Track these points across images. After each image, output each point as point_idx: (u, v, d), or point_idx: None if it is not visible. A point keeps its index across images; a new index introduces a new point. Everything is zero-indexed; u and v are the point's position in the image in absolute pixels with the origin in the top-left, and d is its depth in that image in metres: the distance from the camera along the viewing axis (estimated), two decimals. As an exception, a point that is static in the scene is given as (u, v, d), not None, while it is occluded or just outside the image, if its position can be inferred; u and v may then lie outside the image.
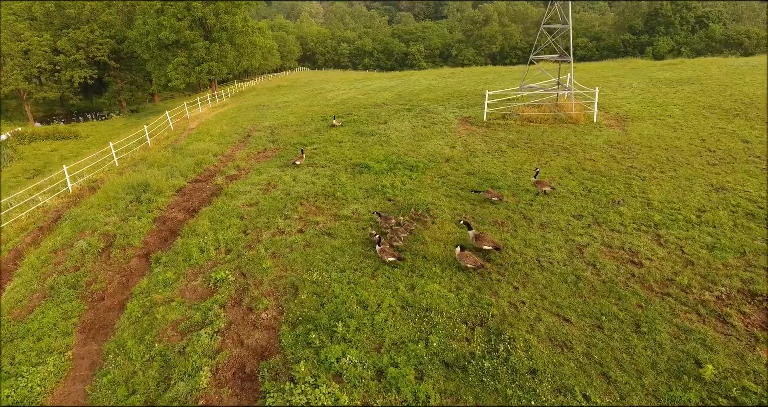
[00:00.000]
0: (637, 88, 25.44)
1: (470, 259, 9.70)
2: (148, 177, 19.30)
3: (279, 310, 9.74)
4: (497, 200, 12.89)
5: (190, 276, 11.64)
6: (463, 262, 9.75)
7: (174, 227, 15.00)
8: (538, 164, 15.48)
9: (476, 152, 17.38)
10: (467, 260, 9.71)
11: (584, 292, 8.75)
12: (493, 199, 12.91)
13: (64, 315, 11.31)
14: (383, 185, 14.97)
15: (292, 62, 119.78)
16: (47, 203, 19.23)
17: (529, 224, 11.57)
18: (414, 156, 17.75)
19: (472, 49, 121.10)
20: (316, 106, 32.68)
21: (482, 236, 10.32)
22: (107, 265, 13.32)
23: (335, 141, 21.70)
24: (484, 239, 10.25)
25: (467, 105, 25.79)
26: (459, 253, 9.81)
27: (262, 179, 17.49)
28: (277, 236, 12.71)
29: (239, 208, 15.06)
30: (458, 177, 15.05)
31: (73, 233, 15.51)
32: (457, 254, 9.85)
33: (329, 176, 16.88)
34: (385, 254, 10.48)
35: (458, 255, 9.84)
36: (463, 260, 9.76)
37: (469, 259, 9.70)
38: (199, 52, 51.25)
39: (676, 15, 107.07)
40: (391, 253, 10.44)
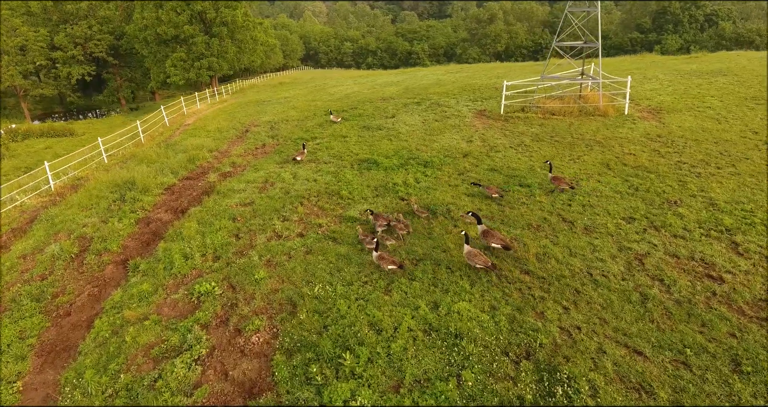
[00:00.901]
0: (665, 80, 23.61)
1: (480, 258, 8.39)
2: (136, 174, 17.60)
3: (273, 332, 8.00)
4: (498, 196, 11.50)
5: (170, 288, 9.90)
6: (472, 261, 8.46)
7: (158, 230, 13.29)
8: (571, 158, 13.70)
9: (497, 147, 15.60)
10: (476, 259, 8.39)
11: (655, 315, 6.96)
12: (493, 195, 11.52)
13: (21, 334, 9.60)
14: (395, 182, 13.21)
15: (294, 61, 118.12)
16: (26, 202, 17.56)
17: (570, 228, 9.78)
18: (427, 151, 15.98)
19: (477, 48, 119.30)
20: (319, 100, 30.96)
21: (492, 232, 9.00)
22: (79, 273, 11.61)
23: (339, 136, 19.97)
24: (493, 236, 8.91)
25: (481, 98, 24.00)
26: (467, 251, 8.50)
27: (259, 177, 15.76)
28: (273, 241, 10.96)
29: (232, 208, 13.33)
30: (479, 174, 13.27)
31: (47, 235, 13.83)
32: (466, 252, 8.53)
33: (333, 172, 15.14)
34: (384, 262, 8.84)
35: (466, 253, 8.52)
36: (471, 260, 8.46)
37: (479, 258, 8.39)
38: (199, 48, 49.63)
39: (685, 13, 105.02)
40: (391, 260, 8.82)
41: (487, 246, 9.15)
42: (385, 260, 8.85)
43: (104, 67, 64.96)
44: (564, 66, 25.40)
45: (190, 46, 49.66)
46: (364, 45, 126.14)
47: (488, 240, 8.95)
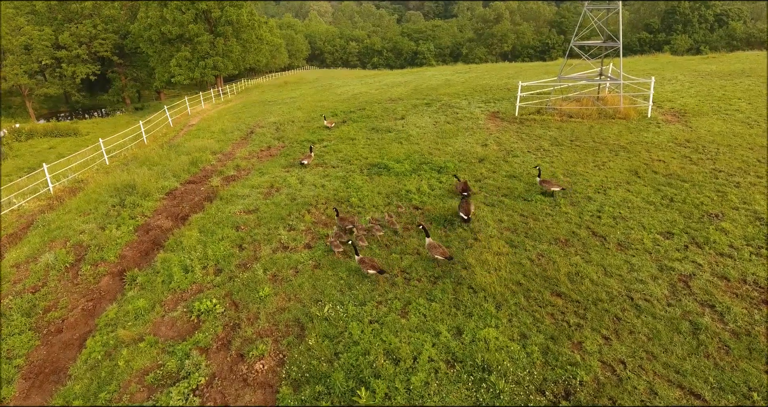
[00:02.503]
0: (685, 81, 22.71)
1: (438, 250, 8.67)
2: (136, 178, 16.94)
3: (279, 359, 7.27)
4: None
5: (168, 304, 9.20)
6: (432, 252, 8.77)
7: (157, 238, 12.60)
8: (595, 164, 12.89)
9: (514, 151, 14.81)
10: (435, 251, 8.69)
11: (711, 349, 6.18)
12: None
13: (9, 353, 8.93)
14: (407, 189, 12.45)
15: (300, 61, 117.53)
16: (24, 206, 16.94)
17: (602, 243, 8.99)
18: (440, 155, 15.21)
19: (483, 48, 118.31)
20: (326, 101, 30.24)
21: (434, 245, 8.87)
22: (73, 285, 10.93)
23: (347, 138, 19.23)
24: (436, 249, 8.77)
25: (493, 100, 23.19)
26: (428, 243, 8.87)
27: (264, 181, 15.06)
28: (279, 253, 10.24)
29: (236, 215, 12.63)
30: (498, 181, 12.49)
31: (42, 243, 13.17)
32: (427, 244, 8.90)
33: (342, 177, 14.40)
34: (365, 266, 8.65)
35: (427, 245, 8.90)
36: (431, 251, 8.78)
37: (437, 250, 8.67)
38: (204, 47, 49.04)
39: (695, 13, 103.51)
40: (371, 264, 8.61)
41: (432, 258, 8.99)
42: (365, 265, 8.62)
43: (109, 67, 64.55)
44: (579, 67, 24.55)
45: (195, 45, 49.09)
46: (369, 45, 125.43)
47: (432, 252, 8.78)
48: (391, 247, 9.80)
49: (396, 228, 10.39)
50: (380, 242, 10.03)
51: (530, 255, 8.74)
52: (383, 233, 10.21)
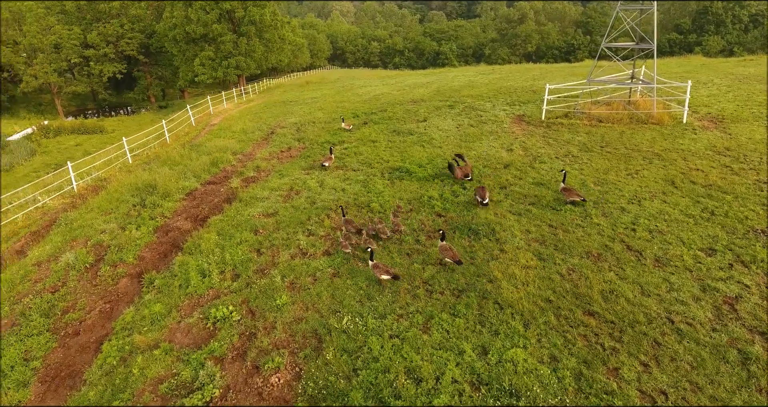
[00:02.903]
0: (722, 84, 21.75)
1: (448, 253, 8.72)
2: (157, 177, 16.97)
3: (295, 372, 7.00)
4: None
5: (184, 310, 9.03)
6: (442, 255, 8.88)
7: (176, 240, 12.51)
8: (628, 172, 12.30)
9: (541, 157, 14.29)
10: (446, 253, 8.76)
11: (763, 383, 5.66)
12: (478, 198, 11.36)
13: (27, 355, 8.89)
14: (429, 195, 12.08)
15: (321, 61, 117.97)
16: (48, 203, 17.16)
17: (638, 258, 8.47)
18: (464, 160, 14.78)
19: (507, 49, 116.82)
20: (347, 102, 30.04)
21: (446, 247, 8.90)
22: (92, 286, 10.89)
23: (368, 140, 18.94)
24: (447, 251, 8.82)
25: (518, 102, 22.62)
26: (441, 246, 8.95)
27: (284, 184, 14.87)
28: (297, 259, 9.99)
29: (254, 218, 12.45)
30: (525, 188, 12.01)
31: (64, 241, 13.24)
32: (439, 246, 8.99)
33: (362, 181, 14.11)
34: (378, 271, 8.52)
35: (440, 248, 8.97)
36: (442, 253, 8.87)
37: (448, 253, 8.73)
38: (227, 47, 49.43)
39: (728, 13, 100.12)
40: (385, 269, 8.52)
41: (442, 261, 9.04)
42: (379, 270, 8.49)
43: (135, 66, 65.78)
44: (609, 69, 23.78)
45: (218, 45, 49.53)
46: (391, 45, 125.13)
47: (443, 255, 8.86)
48: (412, 256, 9.45)
49: (401, 229, 10.35)
50: (400, 251, 9.70)
51: (560, 270, 8.29)
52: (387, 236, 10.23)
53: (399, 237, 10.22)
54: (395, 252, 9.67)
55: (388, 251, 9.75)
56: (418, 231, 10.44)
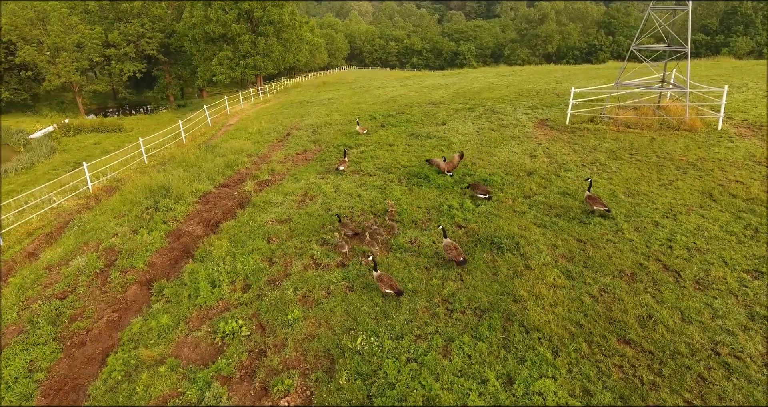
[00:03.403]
0: (758, 89, 20.72)
1: (452, 252, 8.69)
2: (171, 180, 16.79)
3: (306, 397, 6.57)
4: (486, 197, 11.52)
5: (193, 322, 8.69)
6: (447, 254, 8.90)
7: (188, 245, 12.22)
8: (661, 183, 11.59)
9: (566, 164, 13.65)
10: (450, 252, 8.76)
11: (830, 430, 5.04)
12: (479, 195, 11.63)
13: (32, 366, 8.64)
14: (449, 204, 11.55)
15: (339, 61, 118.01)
16: (63, 204, 17.10)
17: (676, 280, 7.84)
18: (485, 166, 14.23)
19: (526, 49, 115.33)
20: (364, 103, 29.63)
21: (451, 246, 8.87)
22: (101, 292, 10.64)
23: (385, 144, 18.48)
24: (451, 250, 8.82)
25: (541, 106, 21.91)
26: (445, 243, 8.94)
27: (299, 188, 14.50)
28: (310, 271, 9.57)
29: (267, 225, 12.09)
30: (550, 198, 11.40)
31: (76, 244, 13.08)
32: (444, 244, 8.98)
33: (379, 187, 13.66)
34: (382, 285, 8.24)
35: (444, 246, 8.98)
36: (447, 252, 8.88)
37: (452, 252, 8.71)
38: (245, 46, 49.51)
39: (758, 13, 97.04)
40: (389, 283, 8.19)
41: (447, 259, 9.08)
42: (383, 283, 8.20)
43: (155, 65, 66.51)
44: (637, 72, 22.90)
45: (237, 45, 49.64)
46: (409, 45, 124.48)
47: (447, 253, 8.90)
48: (431, 270, 8.95)
49: (395, 230, 10.59)
50: (418, 264, 9.20)
51: (591, 290, 7.70)
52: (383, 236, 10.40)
53: (417, 250, 9.73)
54: (413, 265, 9.18)
55: (406, 263, 9.27)
56: (436, 243, 9.92)
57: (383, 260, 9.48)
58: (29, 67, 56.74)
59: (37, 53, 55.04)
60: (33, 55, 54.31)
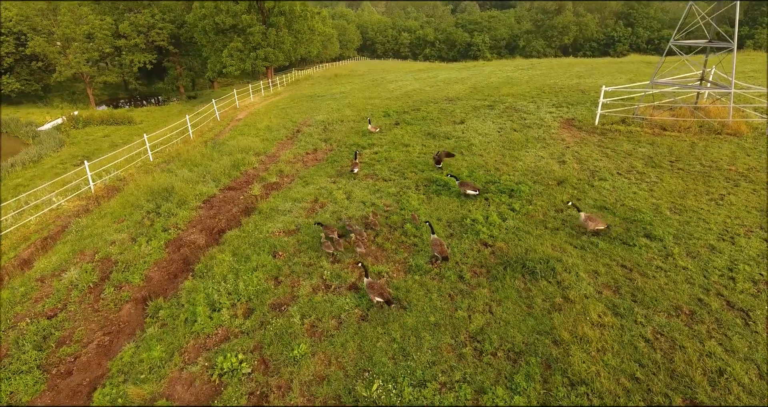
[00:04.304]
0: (802, 87, 19.18)
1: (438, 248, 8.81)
2: (175, 182, 15.95)
3: (313, 458, 5.62)
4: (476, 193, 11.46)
5: (189, 353, 7.78)
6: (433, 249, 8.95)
7: (188, 257, 11.34)
8: (710, 197, 10.39)
9: (599, 172, 12.49)
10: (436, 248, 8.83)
11: None
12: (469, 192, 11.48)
13: (12, 399, 7.82)
14: (473, 218, 10.48)
15: (351, 51, 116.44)
16: (63, 205, 16.35)
17: (745, 321, 6.71)
18: (509, 172, 13.11)
19: (542, 41, 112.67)
20: (377, 98, 28.50)
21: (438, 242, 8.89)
22: (93, 311, 9.81)
23: (400, 144, 17.42)
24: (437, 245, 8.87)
25: (565, 104, 20.62)
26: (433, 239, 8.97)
27: (308, 193, 13.53)
28: (320, 294, 8.61)
29: (274, 236, 11.15)
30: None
31: (71, 253, 12.29)
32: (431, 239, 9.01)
33: (394, 194, 12.63)
34: (372, 292, 7.84)
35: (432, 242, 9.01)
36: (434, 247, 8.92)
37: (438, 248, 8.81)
38: (256, 38, 48.44)
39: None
40: (380, 291, 7.79)
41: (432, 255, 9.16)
42: (373, 291, 7.82)
43: (165, 56, 65.78)
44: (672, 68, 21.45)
45: (247, 36, 48.59)
46: (422, 36, 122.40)
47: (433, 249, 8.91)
48: (455, 299, 7.93)
49: (377, 229, 10.55)
50: (441, 291, 8.18)
51: (644, 332, 6.63)
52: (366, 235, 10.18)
53: (438, 272, 8.71)
54: (434, 292, 8.17)
55: (426, 290, 8.26)
56: (461, 264, 8.90)
57: (401, 285, 8.48)
58: (40, 58, 56.32)
59: (47, 44, 54.53)
60: (43, 46, 53.80)
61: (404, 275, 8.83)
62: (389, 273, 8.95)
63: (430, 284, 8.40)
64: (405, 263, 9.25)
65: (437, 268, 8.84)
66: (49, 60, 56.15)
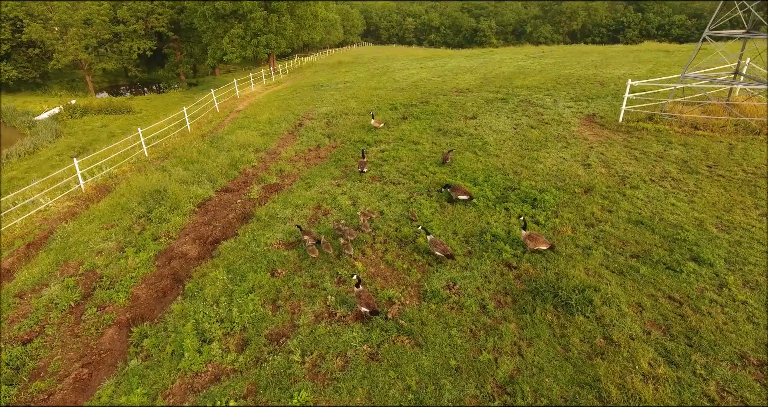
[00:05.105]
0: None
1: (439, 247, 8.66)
2: (169, 182, 14.93)
3: None
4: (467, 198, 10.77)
5: (173, 398, 6.83)
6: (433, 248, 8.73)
7: (179, 272, 10.35)
8: (761, 212, 9.25)
9: (630, 178, 11.36)
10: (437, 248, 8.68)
11: None
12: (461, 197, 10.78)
13: (-25, 444, 6.93)
14: (493, 233, 9.41)
15: (354, 37, 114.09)
16: (51, 206, 15.37)
17: (830, 377, 5.69)
18: (530, 177, 11.99)
19: (549, 26, 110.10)
20: (382, 89, 27.21)
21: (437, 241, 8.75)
22: (72, 336, 8.87)
23: (409, 141, 16.28)
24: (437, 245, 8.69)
25: (584, 97, 19.35)
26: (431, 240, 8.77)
27: (310, 198, 12.48)
28: (323, 324, 7.62)
29: (272, 250, 10.15)
30: (619, 229, 9.19)
31: (55, 263, 11.35)
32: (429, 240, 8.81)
33: (404, 201, 11.57)
34: (359, 302, 7.49)
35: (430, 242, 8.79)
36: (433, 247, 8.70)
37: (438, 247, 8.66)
38: (257, 24, 46.78)
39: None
40: (366, 301, 7.42)
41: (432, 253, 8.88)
42: (360, 300, 7.47)
43: (165, 43, 64.20)
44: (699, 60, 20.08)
45: (248, 22, 46.93)
46: (427, 21, 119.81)
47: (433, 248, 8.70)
48: (478, 336, 6.91)
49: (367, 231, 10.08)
50: (461, 324, 7.16)
51: (708, 389, 5.60)
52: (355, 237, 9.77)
53: (457, 300, 7.69)
54: (453, 325, 7.16)
55: (444, 322, 7.24)
56: (482, 290, 7.86)
57: (415, 315, 7.47)
58: (37, 44, 54.92)
59: (44, 30, 53.08)
60: (40, 32, 52.36)
61: (418, 303, 7.82)
62: (401, 300, 7.93)
63: (448, 315, 7.38)
64: (419, 287, 8.23)
65: (455, 295, 7.81)
66: (47, 47, 54.75)
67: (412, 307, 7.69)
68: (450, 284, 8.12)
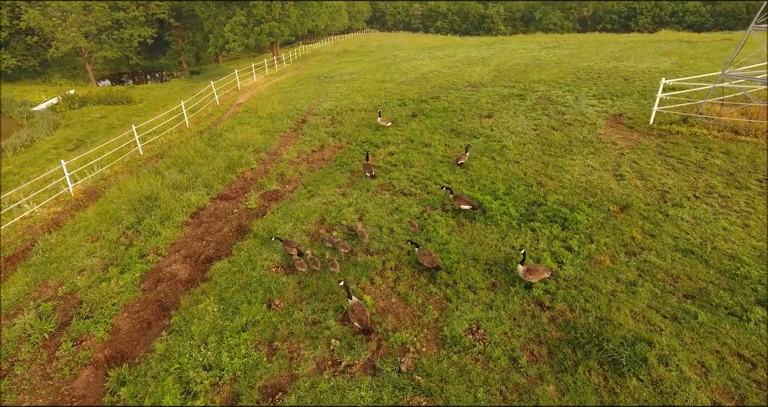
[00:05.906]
0: None
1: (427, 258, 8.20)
2: (161, 189, 13.86)
3: None
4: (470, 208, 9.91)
5: (151, 467, 5.80)
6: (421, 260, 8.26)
7: (166, 299, 9.29)
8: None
9: (671, 193, 10.12)
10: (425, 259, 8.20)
11: None
12: (463, 206, 9.91)
13: None
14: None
15: (360, 24, 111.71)
16: (36, 212, 14.34)
17: None
18: (557, 190, 10.77)
19: (559, 13, 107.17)
20: (390, 82, 25.84)
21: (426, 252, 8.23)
22: (43, 377, 7.86)
23: (420, 143, 15.07)
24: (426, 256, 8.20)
25: (608, 94, 17.96)
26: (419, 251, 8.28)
27: (313, 210, 11.36)
28: (325, 375, 6.54)
29: (270, 274, 9.07)
30: (666, 259, 7.99)
31: (33, 282, 10.36)
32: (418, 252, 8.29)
33: (417, 216, 10.40)
34: (354, 316, 7.12)
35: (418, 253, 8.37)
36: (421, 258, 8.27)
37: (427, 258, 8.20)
38: (260, 11, 45.24)
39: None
40: (360, 317, 7.07)
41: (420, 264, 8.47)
42: (354, 314, 7.13)
43: (167, 30, 62.66)
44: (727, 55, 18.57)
45: (251, 9, 45.39)
46: (434, 7, 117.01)
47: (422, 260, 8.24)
48: (510, 400, 5.80)
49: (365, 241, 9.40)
50: (489, 384, 6.05)
51: None
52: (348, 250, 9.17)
53: (482, 349, 6.56)
54: (480, 384, 6.05)
55: (469, 381, 6.13)
56: (510, 337, 6.74)
57: (434, 368, 6.36)
58: (35, 32, 53.60)
59: (42, 17, 51.71)
60: (38, 19, 51.02)
61: (437, 351, 6.71)
62: (416, 346, 6.82)
63: (473, 370, 6.27)
64: (436, 330, 7.11)
65: (479, 341, 6.69)
66: (45, 34, 53.45)
67: (430, 357, 6.59)
68: (473, 328, 7.00)
